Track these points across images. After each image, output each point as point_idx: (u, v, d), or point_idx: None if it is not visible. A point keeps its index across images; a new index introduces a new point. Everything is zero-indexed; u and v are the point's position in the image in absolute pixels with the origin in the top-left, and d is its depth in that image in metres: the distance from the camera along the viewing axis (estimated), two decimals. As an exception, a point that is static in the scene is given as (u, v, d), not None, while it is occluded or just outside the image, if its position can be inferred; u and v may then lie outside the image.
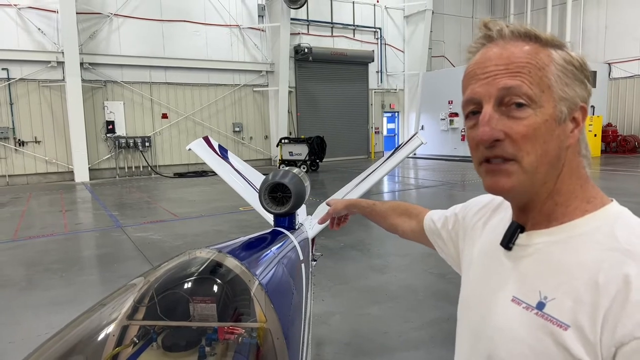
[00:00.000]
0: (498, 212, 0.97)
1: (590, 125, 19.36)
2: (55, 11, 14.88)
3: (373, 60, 22.29)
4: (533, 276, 0.78)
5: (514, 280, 0.80)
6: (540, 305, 0.73)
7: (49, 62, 15.13)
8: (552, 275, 0.75)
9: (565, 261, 0.74)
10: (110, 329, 1.22)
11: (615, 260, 0.69)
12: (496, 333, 0.80)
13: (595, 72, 20.65)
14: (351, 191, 2.98)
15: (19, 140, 15.13)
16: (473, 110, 0.79)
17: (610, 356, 0.65)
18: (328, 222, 1.68)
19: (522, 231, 0.83)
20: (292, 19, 19.10)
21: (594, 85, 20.64)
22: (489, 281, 0.86)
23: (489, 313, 0.83)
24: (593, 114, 20.13)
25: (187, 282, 1.36)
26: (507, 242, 0.83)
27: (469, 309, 0.92)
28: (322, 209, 2.51)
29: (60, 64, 15.10)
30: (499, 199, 1.00)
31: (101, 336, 1.20)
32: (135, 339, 1.25)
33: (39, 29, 14.98)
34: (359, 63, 21.96)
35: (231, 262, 1.39)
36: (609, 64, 21.37)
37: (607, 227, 0.74)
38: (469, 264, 0.98)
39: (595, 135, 19.63)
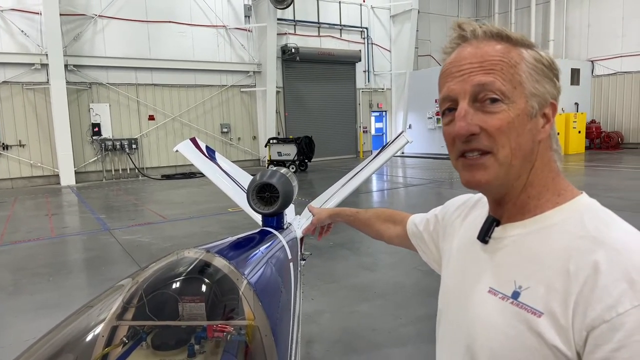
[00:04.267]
0: (475, 209, 1.01)
1: (574, 122, 19.65)
2: (38, 13, 14.68)
3: (360, 60, 22.35)
4: (508, 267, 0.81)
5: (490, 272, 0.83)
6: (515, 295, 0.76)
7: (33, 64, 14.92)
8: (525, 265, 0.78)
9: (538, 251, 0.77)
10: (99, 329, 1.23)
11: (584, 247, 0.72)
12: (474, 323, 0.83)
13: (578, 70, 20.94)
14: (338, 191, 2.99)
15: (3, 143, 14.90)
16: (449, 107, 0.82)
17: (582, 340, 0.67)
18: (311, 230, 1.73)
19: (497, 224, 0.86)
20: (278, 19, 19.07)
21: (577, 83, 20.96)
22: (467, 274, 0.89)
23: (467, 305, 0.85)
24: (577, 111, 20.41)
25: (176, 281, 1.37)
26: (484, 235, 0.86)
27: (448, 301, 0.95)
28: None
29: (44, 66, 14.90)
30: (476, 197, 1.03)
31: (90, 337, 1.21)
32: (124, 338, 1.26)
33: (22, 31, 14.77)
34: (346, 63, 22.00)
35: (219, 262, 1.40)
36: (592, 61, 21.68)
37: (577, 218, 0.77)
38: (448, 258, 1.01)
39: (579, 132, 19.91)
